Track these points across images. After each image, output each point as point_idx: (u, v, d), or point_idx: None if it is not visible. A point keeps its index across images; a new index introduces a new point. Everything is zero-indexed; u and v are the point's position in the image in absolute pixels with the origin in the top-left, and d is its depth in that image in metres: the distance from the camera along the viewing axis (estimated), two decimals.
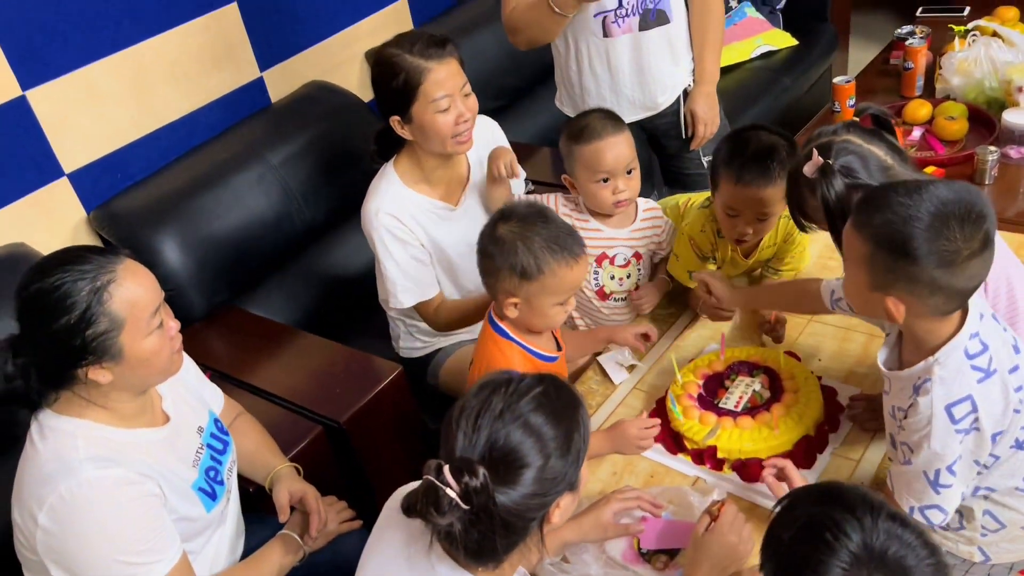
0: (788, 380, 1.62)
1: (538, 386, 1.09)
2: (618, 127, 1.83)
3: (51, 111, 2.10)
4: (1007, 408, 1.20)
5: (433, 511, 1.00)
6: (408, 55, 1.77)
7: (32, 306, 1.27)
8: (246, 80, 2.51)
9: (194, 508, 1.43)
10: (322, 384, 1.96)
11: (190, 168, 2.32)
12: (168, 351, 1.34)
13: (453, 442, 1.05)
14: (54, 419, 1.32)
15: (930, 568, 0.90)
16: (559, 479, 1.07)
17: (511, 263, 1.47)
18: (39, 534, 1.28)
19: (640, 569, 1.39)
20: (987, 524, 1.30)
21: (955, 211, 1.10)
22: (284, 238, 2.39)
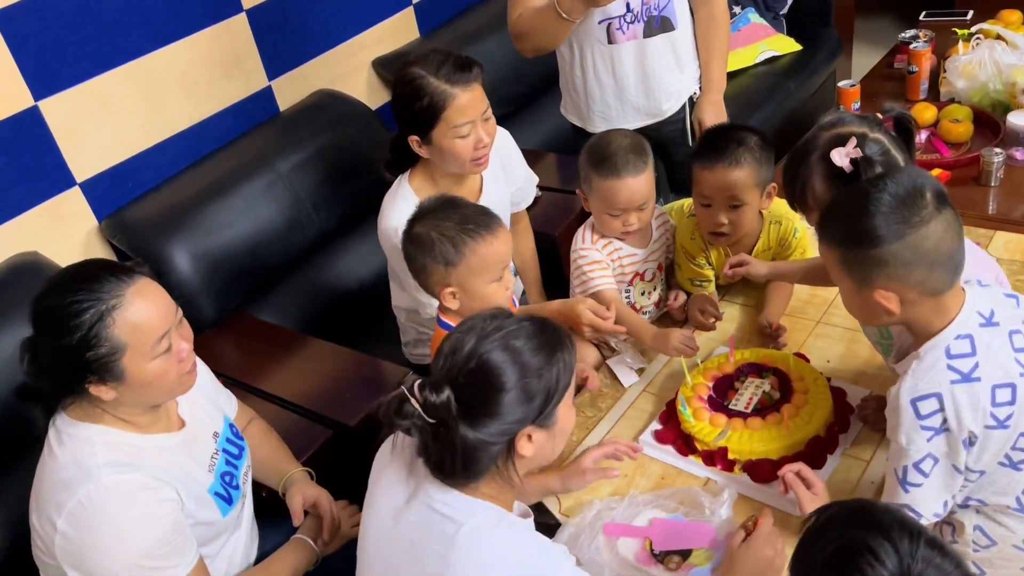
0: (798, 381, 1.63)
1: (524, 322, 1.15)
2: (639, 166, 1.80)
3: (63, 121, 2.12)
4: (976, 417, 1.19)
5: (395, 417, 1.11)
6: (433, 78, 1.74)
7: (42, 319, 1.30)
8: (255, 89, 2.53)
9: (210, 512, 1.45)
10: (332, 389, 1.97)
11: (200, 176, 2.34)
12: (175, 374, 1.35)
13: (436, 364, 1.14)
14: (71, 425, 1.34)
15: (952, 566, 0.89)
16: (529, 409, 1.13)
17: (432, 255, 1.52)
18: (58, 539, 1.30)
19: (653, 570, 1.40)
20: (978, 540, 1.30)
21: (900, 189, 1.16)
22: (294, 245, 2.40)
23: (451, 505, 1.15)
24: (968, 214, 2.16)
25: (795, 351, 1.74)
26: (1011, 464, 1.23)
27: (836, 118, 1.46)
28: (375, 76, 2.89)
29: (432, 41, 2.94)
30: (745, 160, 1.74)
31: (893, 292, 1.19)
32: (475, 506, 1.15)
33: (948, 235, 1.17)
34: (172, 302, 1.36)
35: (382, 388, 1.94)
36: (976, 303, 1.23)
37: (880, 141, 1.39)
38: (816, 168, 1.41)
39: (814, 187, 1.42)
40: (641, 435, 1.67)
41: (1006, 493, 1.25)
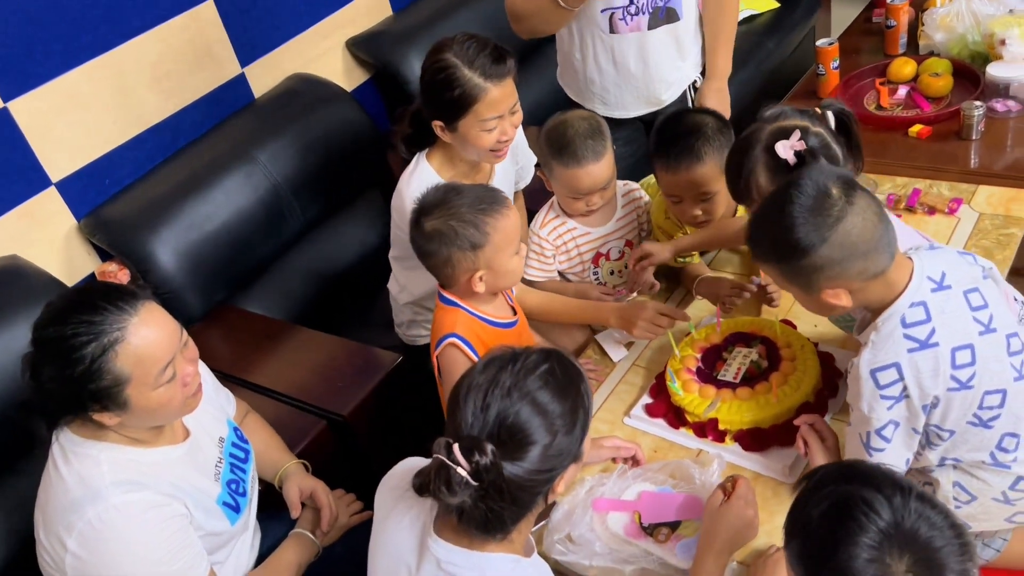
0: (785, 348, 1.63)
1: (544, 363, 1.11)
2: (599, 150, 1.79)
3: (34, 121, 2.08)
4: (937, 382, 1.21)
5: (444, 490, 1.03)
6: (468, 69, 1.69)
7: (43, 349, 1.28)
8: (228, 77, 2.50)
9: (219, 523, 1.45)
10: (323, 378, 1.97)
11: (178, 170, 2.32)
12: (180, 399, 1.34)
13: (461, 419, 1.07)
14: (76, 443, 1.33)
15: (957, 548, 0.91)
16: (565, 454, 1.09)
17: (458, 244, 1.49)
18: (68, 559, 1.29)
19: (642, 543, 1.42)
20: (958, 496, 1.32)
21: (807, 198, 1.19)
22: (277, 234, 2.39)
23: (459, 564, 1.12)
24: (951, 169, 2.17)
25: (782, 318, 1.74)
26: (981, 423, 1.25)
27: (777, 111, 1.48)
28: (350, 57, 2.85)
29: (404, 20, 2.89)
30: (706, 153, 1.72)
31: (839, 288, 1.22)
32: (484, 562, 1.12)
33: (867, 221, 1.19)
34: (176, 326, 1.33)
35: (374, 376, 1.95)
36: (926, 269, 1.25)
37: (820, 134, 1.42)
38: (760, 161, 1.43)
39: (758, 180, 1.43)
40: (632, 410, 1.68)
41: (980, 449, 1.27)
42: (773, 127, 1.44)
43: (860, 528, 0.90)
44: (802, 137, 1.39)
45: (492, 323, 1.59)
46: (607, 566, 1.41)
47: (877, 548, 0.90)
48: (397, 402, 1.97)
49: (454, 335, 1.54)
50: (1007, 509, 1.31)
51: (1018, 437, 1.26)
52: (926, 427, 1.27)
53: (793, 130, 1.40)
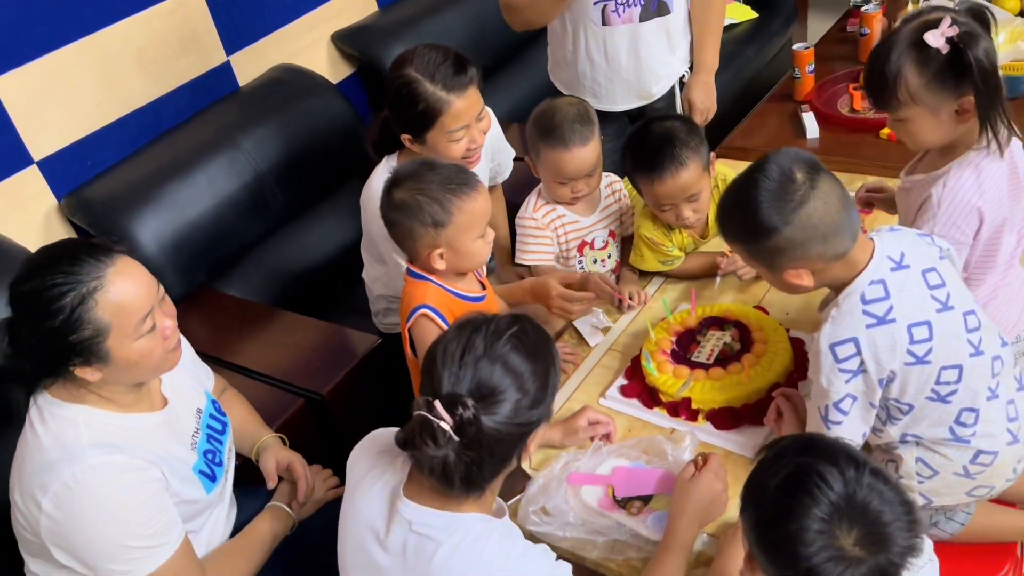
0: (757, 332, 1.67)
1: (514, 326, 1.14)
2: (586, 135, 1.83)
3: (18, 99, 2.09)
4: (893, 357, 1.25)
5: (430, 443, 1.05)
6: (430, 84, 1.71)
7: (22, 304, 1.28)
8: (213, 64, 2.51)
9: (195, 491, 1.45)
10: (302, 359, 1.99)
11: (161, 153, 2.33)
12: (160, 351, 1.34)
13: (439, 380, 1.09)
14: (54, 405, 1.33)
15: (905, 524, 0.94)
16: (537, 410, 1.13)
17: (420, 218, 1.52)
18: (43, 519, 1.29)
19: (615, 515, 1.44)
20: (921, 471, 1.35)
21: (772, 182, 1.23)
22: (258, 220, 2.41)
23: (430, 525, 1.14)
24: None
25: (755, 304, 1.79)
26: (940, 398, 1.29)
27: (914, 13, 1.43)
28: (335, 50, 2.88)
29: (390, 15, 2.93)
30: (686, 156, 1.75)
31: (801, 269, 1.27)
32: (456, 521, 1.15)
33: (829, 205, 1.23)
34: (153, 280, 1.34)
35: (352, 357, 1.96)
36: (886, 249, 1.29)
37: (969, 22, 1.35)
38: (907, 59, 1.38)
39: (907, 80, 1.39)
40: (607, 390, 1.71)
41: (940, 425, 1.31)
42: (916, 23, 1.38)
43: (813, 500, 0.93)
44: (953, 23, 1.33)
45: (461, 296, 1.62)
46: (580, 537, 1.43)
47: (827, 520, 0.92)
48: (374, 386, 1.99)
49: (425, 306, 1.57)
50: (968, 483, 1.35)
51: (976, 412, 1.30)
52: (886, 402, 1.30)
53: (940, 20, 1.35)
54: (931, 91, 1.37)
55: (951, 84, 1.36)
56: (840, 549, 0.92)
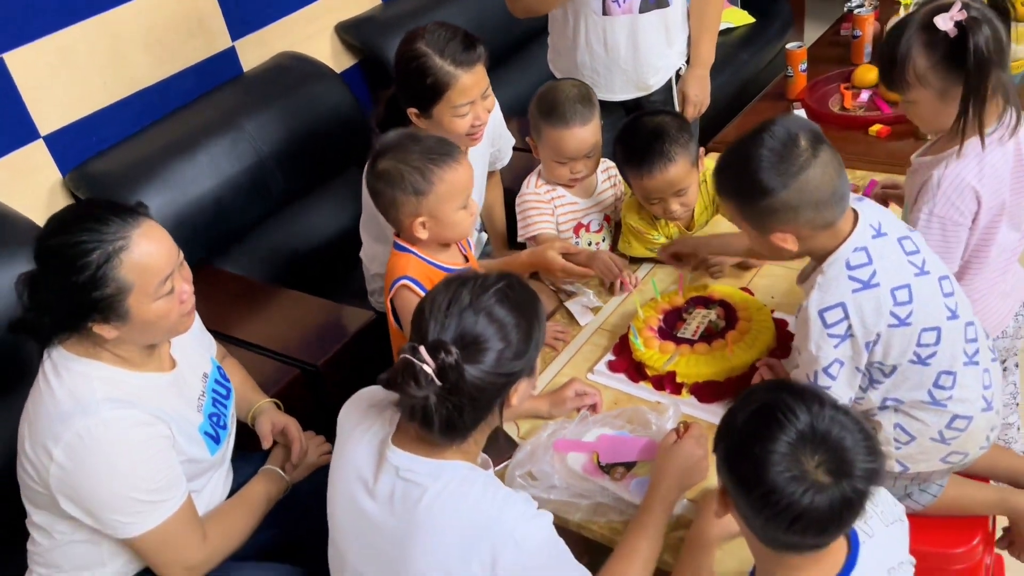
0: (742, 311, 1.72)
1: (501, 282, 1.18)
2: (586, 114, 1.87)
3: (28, 74, 2.14)
4: (879, 320, 1.29)
5: (412, 384, 1.09)
6: (439, 58, 1.76)
7: (48, 258, 1.32)
8: (219, 49, 2.56)
9: (200, 451, 1.49)
10: (298, 332, 2.04)
11: (165, 132, 2.37)
12: (176, 314, 1.39)
13: (425, 328, 1.14)
14: (69, 359, 1.36)
15: (865, 449, 1.00)
16: (519, 362, 1.17)
17: (402, 187, 1.56)
18: (53, 468, 1.33)
19: (599, 480, 1.48)
20: (898, 437, 1.40)
21: (777, 143, 1.27)
22: (258, 201, 2.45)
23: (416, 471, 1.18)
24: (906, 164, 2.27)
25: (741, 286, 1.83)
26: (920, 360, 1.33)
27: None
28: (338, 41, 2.93)
29: (393, 9, 2.98)
30: (675, 152, 1.79)
31: (788, 233, 1.31)
32: (442, 467, 1.18)
33: (827, 175, 1.28)
34: (174, 244, 1.38)
35: (346, 331, 2.01)
36: (867, 218, 1.34)
37: (981, 8, 1.38)
38: (917, 40, 1.42)
39: (915, 61, 1.43)
40: (595, 365, 1.75)
41: (919, 388, 1.36)
42: (929, 6, 1.41)
43: (780, 427, 0.99)
44: (963, 7, 1.37)
45: (443, 268, 1.66)
46: (564, 500, 1.47)
47: (793, 446, 0.98)
48: (367, 359, 2.03)
49: (406, 277, 1.61)
50: (943, 448, 1.40)
51: (954, 375, 1.35)
52: (869, 366, 1.35)
53: (951, 4, 1.39)
54: (938, 74, 1.41)
55: (957, 68, 1.40)
56: (804, 472, 0.97)
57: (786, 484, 0.97)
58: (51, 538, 1.47)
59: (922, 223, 1.50)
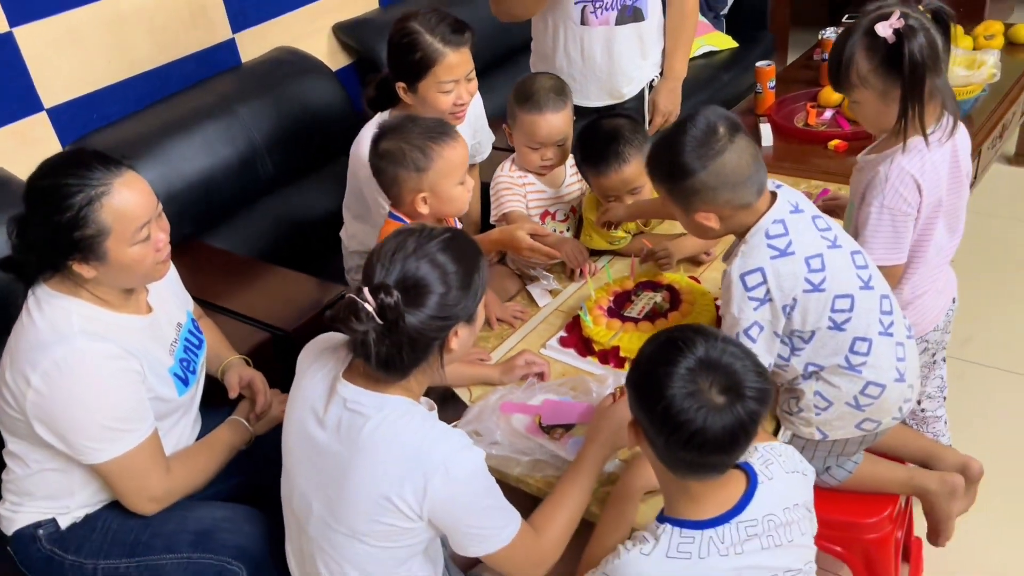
0: (687, 295, 1.84)
1: (446, 234, 1.29)
2: (559, 103, 2.00)
3: (35, 49, 2.27)
4: (795, 285, 1.42)
5: (353, 319, 1.20)
6: (429, 35, 1.89)
7: (36, 199, 1.43)
8: (219, 40, 2.70)
9: (168, 390, 1.60)
10: (274, 302, 2.15)
11: (163, 113, 2.50)
12: (151, 261, 1.49)
13: (372, 272, 1.25)
14: (52, 295, 1.47)
15: (755, 373, 1.13)
16: (458, 307, 1.27)
17: (404, 164, 1.68)
18: (30, 394, 1.43)
19: (540, 439, 1.59)
20: (818, 403, 1.51)
21: (698, 130, 1.41)
22: (247, 183, 2.57)
23: (361, 403, 1.28)
24: None
25: (690, 275, 1.95)
26: (836, 326, 1.45)
27: (878, 4, 1.57)
28: (335, 41, 3.08)
29: (391, 13, 3.13)
30: (629, 154, 1.93)
31: (711, 212, 1.44)
32: (384, 400, 1.29)
33: (743, 159, 1.41)
34: (153, 196, 1.49)
35: (320, 302, 2.12)
36: (785, 197, 1.48)
37: (920, 19, 1.50)
38: (859, 45, 1.55)
39: (858, 64, 1.55)
40: (548, 341, 1.87)
41: (837, 353, 1.47)
42: (873, 14, 1.53)
43: (679, 354, 1.12)
44: (902, 16, 1.49)
45: None
46: (505, 455, 1.58)
47: (690, 368, 1.11)
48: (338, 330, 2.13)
49: None
50: (857, 415, 1.51)
51: (869, 342, 1.46)
52: (790, 333, 1.46)
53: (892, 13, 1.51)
54: (878, 76, 1.54)
55: (895, 72, 1.52)
56: (699, 390, 1.10)
57: (683, 400, 1.09)
58: (26, 467, 1.57)
59: (874, 217, 1.61)
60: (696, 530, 1.17)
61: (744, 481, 1.21)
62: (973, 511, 1.76)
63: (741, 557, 1.17)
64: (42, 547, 1.59)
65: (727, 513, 1.18)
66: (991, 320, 2.68)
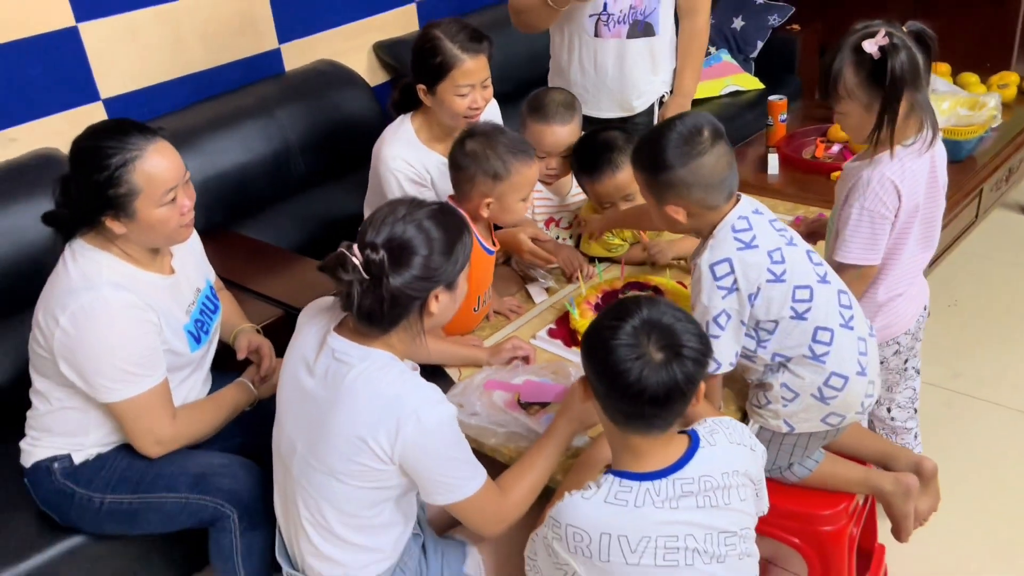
0: (671, 295, 1.95)
1: (435, 205, 1.43)
2: (567, 116, 2.15)
3: (98, 44, 2.50)
4: (759, 274, 1.52)
5: (340, 270, 1.34)
6: (449, 42, 2.03)
7: (79, 158, 1.61)
8: (265, 48, 2.92)
9: (181, 345, 1.75)
10: (289, 281, 2.31)
11: (207, 111, 2.71)
12: (175, 223, 1.66)
13: (364, 233, 1.39)
14: (86, 248, 1.65)
15: (696, 338, 1.26)
16: (439, 270, 1.40)
17: (484, 168, 1.82)
18: (58, 333, 1.60)
19: (517, 415, 1.70)
20: (784, 395, 1.60)
21: (684, 129, 1.52)
22: (279, 181, 2.76)
23: (347, 353, 1.41)
24: None
25: (678, 280, 2.06)
26: (797, 315, 1.54)
27: (865, 24, 1.68)
28: (374, 57, 3.28)
29: None
30: (622, 162, 2.06)
31: (680, 207, 1.55)
32: (368, 352, 1.40)
33: (719, 164, 1.52)
34: (182, 165, 1.66)
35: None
36: (747, 201, 1.59)
37: (904, 38, 1.60)
38: (847, 59, 1.66)
39: (845, 77, 1.66)
40: (538, 332, 1.99)
41: (801, 344, 1.56)
42: (861, 32, 1.63)
43: (627, 315, 1.24)
44: (887, 35, 1.58)
45: (479, 241, 1.89)
46: (484, 426, 1.69)
47: (634, 328, 1.23)
48: None
49: None
50: (823, 408, 1.59)
51: (831, 331, 1.55)
52: (756, 325, 1.55)
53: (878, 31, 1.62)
54: (863, 89, 1.64)
55: (879, 85, 1.62)
56: (640, 344, 1.22)
57: (624, 352, 1.21)
58: (48, 404, 1.73)
59: (854, 217, 1.71)
60: (635, 481, 1.27)
61: (686, 444, 1.31)
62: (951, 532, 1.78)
63: (675, 512, 1.26)
64: (56, 480, 1.74)
65: (665, 469, 1.28)
66: (983, 357, 2.74)
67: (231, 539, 1.73)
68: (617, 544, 1.25)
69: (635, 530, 1.25)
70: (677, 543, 1.26)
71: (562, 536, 1.28)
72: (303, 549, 1.51)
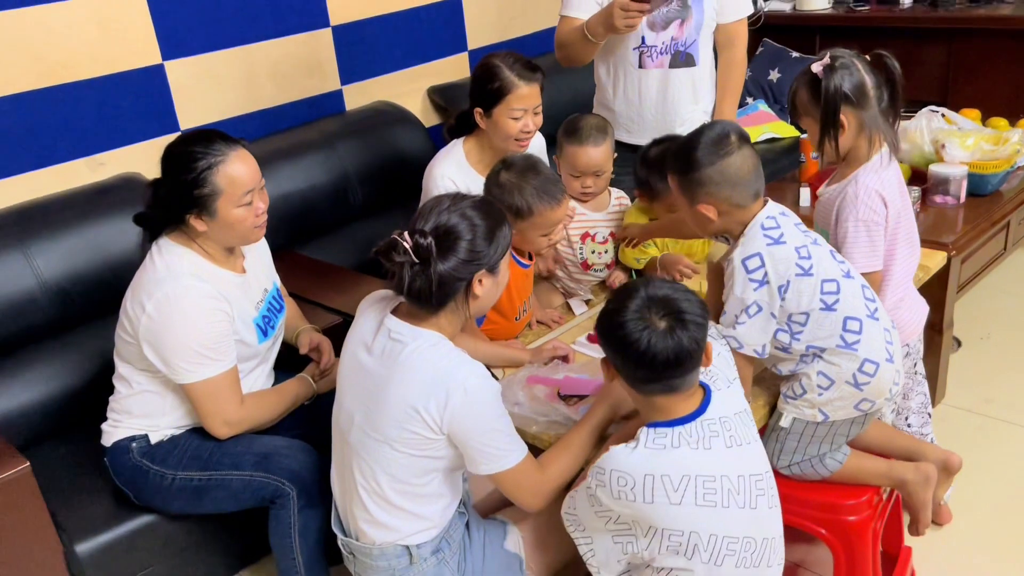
0: None
1: (478, 199, 1.60)
2: (600, 139, 2.31)
3: (180, 80, 2.75)
4: (788, 268, 1.63)
5: (392, 253, 1.50)
6: (506, 69, 2.22)
7: (170, 161, 1.82)
8: (329, 89, 3.16)
9: (250, 336, 1.93)
10: (348, 294, 2.47)
11: (275, 143, 2.94)
12: (250, 224, 1.84)
13: (414, 223, 1.55)
14: (171, 245, 1.84)
15: (699, 310, 1.40)
16: (482, 254, 1.55)
17: (507, 204, 1.97)
18: (144, 319, 1.78)
19: (557, 405, 1.82)
20: (821, 383, 1.69)
21: (714, 133, 1.67)
22: (337, 208, 2.97)
23: (402, 332, 1.55)
24: None
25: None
26: (827, 307, 1.65)
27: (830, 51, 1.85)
28: (429, 101, 3.51)
29: None
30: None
31: (711, 205, 1.68)
32: (420, 332, 1.55)
33: (745, 164, 1.66)
34: (259, 171, 1.85)
35: None
36: (774, 204, 1.72)
37: (851, 64, 1.79)
38: (802, 80, 1.86)
39: (801, 95, 1.86)
40: (578, 339, 2.12)
41: (832, 335, 1.67)
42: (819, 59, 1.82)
43: (632, 296, 1.40)
44: (831, 58, 1.78)
45: (516, 260, 2.05)
46: (526, 415, 1.82)
47: (642, 304, 1.39)
48: None
49: None
50: (857, 394, 1.68)
51: (860, 321, 1.66)
52: (788, 319, 1.66)
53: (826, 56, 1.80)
54: (812, 106, 1.81)
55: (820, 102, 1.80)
56: (645, 318, 1.37)
57: (633, 326, 1.37)
58: (129, 387, 1.90)
59: (851, 231, 1.83)
60: (667, 427, 1.41)
61: (701, 394, 1.46)
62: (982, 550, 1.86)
63: (709, 453, 1.40)
64: (133, 457, 1.90)
65: (691, 414, 1.43)
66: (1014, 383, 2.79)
67: (289, 516, 1.86)
68: (661, 484, 1.37)
69: (676, 470, 1.38)
70: (714, 484, 1.39)
71: (606, 483, 1.40)
72: (357, 516, 1.63)
